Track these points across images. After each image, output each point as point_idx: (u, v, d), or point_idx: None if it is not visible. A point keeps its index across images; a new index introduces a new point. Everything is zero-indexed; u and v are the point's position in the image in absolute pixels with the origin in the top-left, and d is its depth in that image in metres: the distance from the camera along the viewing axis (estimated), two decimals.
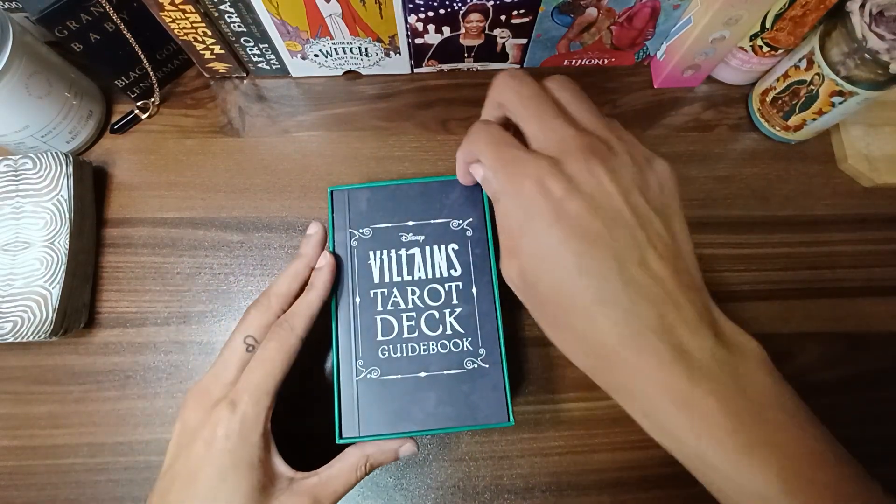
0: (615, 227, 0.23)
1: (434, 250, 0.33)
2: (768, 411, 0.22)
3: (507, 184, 0.25)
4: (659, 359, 0.22)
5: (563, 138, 0.25)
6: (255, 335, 0.30)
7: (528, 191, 0.24)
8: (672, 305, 0.23)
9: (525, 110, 0.26)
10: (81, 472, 0.36)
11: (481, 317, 0.32)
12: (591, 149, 0.24)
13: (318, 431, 0.33)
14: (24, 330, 0.35)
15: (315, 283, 0.32)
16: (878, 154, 0.42)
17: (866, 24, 0.33)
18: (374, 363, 0.31)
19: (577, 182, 0.24)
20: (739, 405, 0.22)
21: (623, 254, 0.23)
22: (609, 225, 0.23)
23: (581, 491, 0.36)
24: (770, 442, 0.21)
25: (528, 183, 0.24)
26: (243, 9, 0.36)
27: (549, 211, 0.23)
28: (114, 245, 0.40)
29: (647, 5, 0.38)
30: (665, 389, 0.22)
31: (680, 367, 0.22)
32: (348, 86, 0.45)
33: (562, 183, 0.23)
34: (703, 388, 0.22)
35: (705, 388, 0.22)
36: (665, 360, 0.22)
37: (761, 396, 0.22)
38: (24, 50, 0.35)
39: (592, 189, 0.24)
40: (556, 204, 0.23)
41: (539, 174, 0.24)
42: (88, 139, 0.42)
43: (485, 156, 0.26)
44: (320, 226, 0.34)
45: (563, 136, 0.25)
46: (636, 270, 0.23)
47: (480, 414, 0.31)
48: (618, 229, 0.23)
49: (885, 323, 0.39)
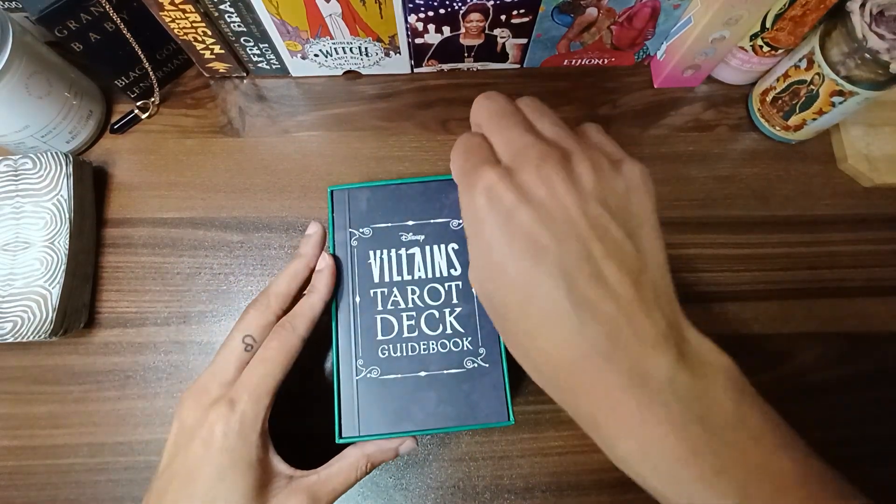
0: (566, 239, 0.21)
1: (434, 250, 0.33)
2: (730, 436, 0.20)
3: (462, 194, 0.24)
4: (607, 384, 0.21)
5: (521, 147, 0.24)
6: (253, 335, 0.30)
7: (478, 200, 0.23)
8: (627, 324, 0.21)
9: (490, 124, 0.25)
10: (81, 472, 0.36)
11: (481, 316, 0.32)
12: (547, 156, 0.23)
13: (317, 431, 0.33)
14: (24, 330, 0.35)
15: (317, 286, 0.32)
16: (878, 154, 0.42)
17: (866, 23, 0.33)
18: (374, 363, 0.32)
19: (528, 191, 0.22)
20: (696, 433, 0.20)
21: (573, 268, 0.21)
22: (559, 237, 0.21)
23: (581, 491, 0.36)
24: (728, 470, 0.20)
25: (479, 193, 0.23)
26: (243, 9, 0.36)
27: (496, 222, 0.22)
28: (114, 245, 0.40)
29: (647, 5, 0.38)
30: (614, 416, 0.21)
31: (630, 394, 0.21)
32: (348, 86, 0.45)
33: (512, 192, 0.22)
34: (655, 415, 0.20)
35: (657, 415, 0.20)
36: (613, 386, 0.21)
37: (723, 422, 0.21)
38: (24, 50, 0.35)
39: (543, 198, 0.22)
40: (504, 214, 0.22)
41: (490, 183, 0.23)
42: (88, 139, 0.42)
43: (453, 166, 0.26)
44: (319, 226, 0.34)
45: (521, 145, 0.24)
46: (587, 286, 0.21)
47: (480, 413, 0.31)
48: (569, 241, 0.21)
49: (885, 323, 0.39)
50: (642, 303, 0.21)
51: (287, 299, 0.31)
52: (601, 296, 0.21)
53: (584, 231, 0.22)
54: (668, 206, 0.41)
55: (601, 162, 0.24)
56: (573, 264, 0.21)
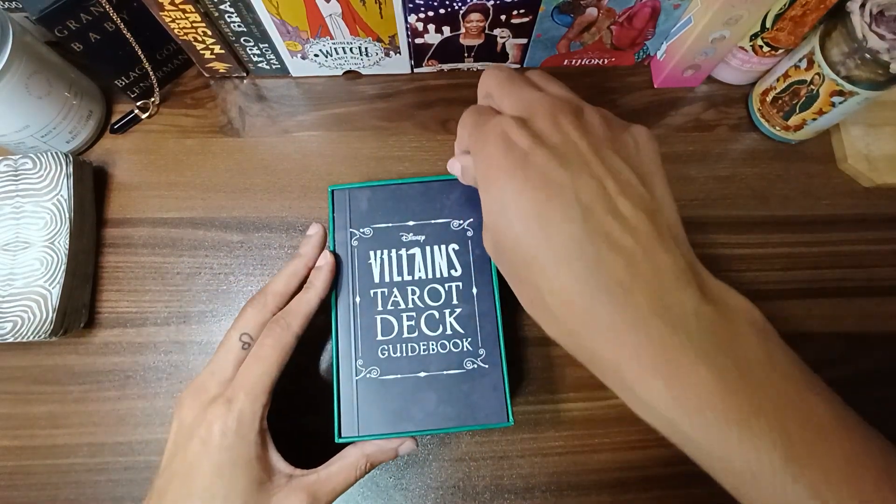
0: (581, 176, 0.22)
1: (434, 250, 0.33)
2: (760, 375, 0.19)
3: (475, 144, 0.24)
4: (630, 317, 0.20)
5: (532, 101, 0.24)
6: (251, 333, 0.30)
7: (491, 146, 0.23)
8: (646, 257, 0.21)
9: (501, 88, 0.26)
10: (81, 472, 0.36)
11: (481, 317, 0.32)
12: (560, 107, 0.24)
13: (316, 429, 0.33)
14: (24, 330, 0.35)
15: (313, 282, 0.32)
16: (878, 154, 0.42)
17: (866, 23, 0.33)
18: (374, 363, 0.32)
19: (543, 136, 0.23)
20: (727, 368, 0.19)
21: (589, 203, 0.21)
22: (574, 174, 0.22)
23: (581, 491, 0.36)
24: (765, 410, 0.19)
25: (493, 138, 0.23)
26: (243, 9, 0.36)
27: (511, 163, 0.22)
28: (114, 245, 0.40)
29: (648, 5, 0.38)
30: (639, 353, 0.20)
31: (654, 327, 0.20)
32: (348, 86, 0.45)
33: (527, 137, 0.23)
34: (683, 350, 0.19)
35: (685, 350, 0.19)
36: (637, 319, 0.20)
37: (752, 359, 0.20)
38: (24, 50, 0.35)
39: (558, 142, 0.23)
40: (519, 156, 0.22)
41: (504, 129, 0.23)
42: (88, 139, 0.42)
43: (462, 131, 0.26)
44: (320, 227, 0.34)
45: (533, 99, 0.24)
46: (604, 220, 0.21)
47: (480, 414, 0.31)
48: (583, 178, 0.22)
49: (885, 323, 0.39)
50: (660, 239, 0.21)
51: (285, 298, 0.32)
52: (618, 229, 0.21)
53: (599, 170, 0.22)
54: None
55: (610, 117, 0.25)
56: (589, 199, 0.21)
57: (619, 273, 0.20)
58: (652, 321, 0.20)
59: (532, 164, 0.22)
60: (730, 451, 0.19)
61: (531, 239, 0.22)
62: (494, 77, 0.27)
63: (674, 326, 0.20)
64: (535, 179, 0.22)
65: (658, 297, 0.20)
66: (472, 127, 0.25)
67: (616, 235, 0.21)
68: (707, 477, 0.31)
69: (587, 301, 0.21)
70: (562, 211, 0.21)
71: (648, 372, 0.20)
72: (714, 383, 0.19)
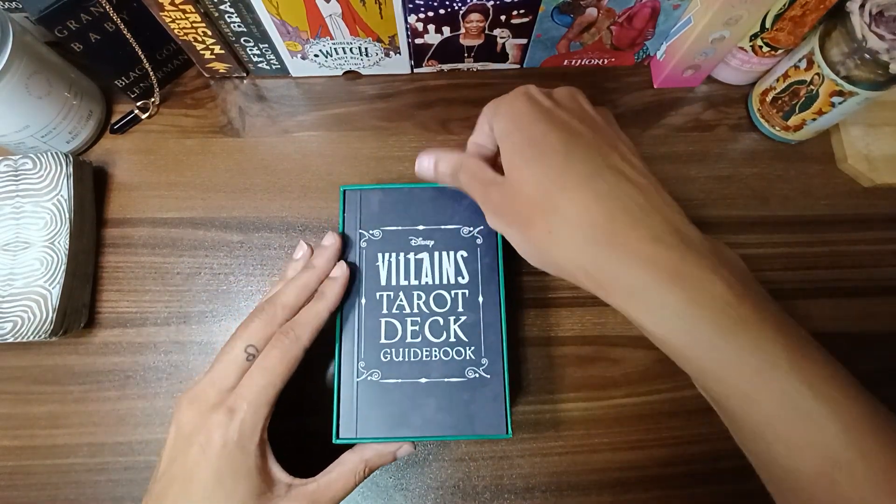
0: (598, 133, 0.26)
1: (443, 256, 0.33)
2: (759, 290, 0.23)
3: (500, 105, 0.28)
4: (648, 233, 0.23)
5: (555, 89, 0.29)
6: (257, 346, 0.29)
7: (519, 101, 0.27)
8: (657, 193, 0.25)
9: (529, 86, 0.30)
10: (81, 472, 0.36)
11: (486, 326, 0.32)
12: (578, 91, 0.29)
13: (316, 430, 0.33)
14: (24, 330, 0.35)
15: (326, 294, 0.31)
16: (878, 154, 0.42)
17: (866, 24, 0.33)
18: (376, 365, 0.31)
19: (564, 104, 0.27)
20: (732, 280, 0.23)
21: (606, 149, 0.26)
22: (593, 129, 0.26)
23: (581, 491, 0.36)
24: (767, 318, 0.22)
25: (520, 97, 0.27)
26: (243, 9, 0.36)
27: (538, 113, 0.26)
28: (114, 245, 0.40)
29: (647, 5, 0.38)
30: (656, 262, 0.23)
31: (671, 242, 0.23)
32: (348, 86, 0.45)
33: (550, 101, 0.27)
34: (698, 262, 0.23)
35: (700, 261, 0.23)
36: (654, 234, 0.23)
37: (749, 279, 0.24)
38: (25, 50, 0.35)
39: (577, 110, 0.27)
40: (544, 110, 0.27)
41: (529, 93, 0.28)
42: (88, 139, 0.42)
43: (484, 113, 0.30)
44: (337, 238, 0.33)
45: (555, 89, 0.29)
46: (619, 163, 0.25)
47: (479, 424, 0.30)
48: (600, 134, 0.26)
49: (885, 323, 0.39)
50: (665, 192, 0.26)
51: (294, 311, 0.31)
52: (632, 171, 0.25)
53: (612, 136, 0.27)
54: None
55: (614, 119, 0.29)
56: (605, 147, 0.26)
57: (638, 198, 0.24)
58: (668, 237, 0.23)
59: (556, 117, 0.26)
60: (742, 351, 0.22)
61: (556, 166, 0.25)
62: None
63: (687, 244, 0.23)
64: (560, 126, 0.26)
65: (671, 222, 0.24)
66: (496, 100, 0.29)
67: (632, 175, 0.25)
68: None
69: (610, 216, 0.24)
70: (584, 149, 0.25)
71: (668, 280, 0.23)
72: (728, 293, 0.22)
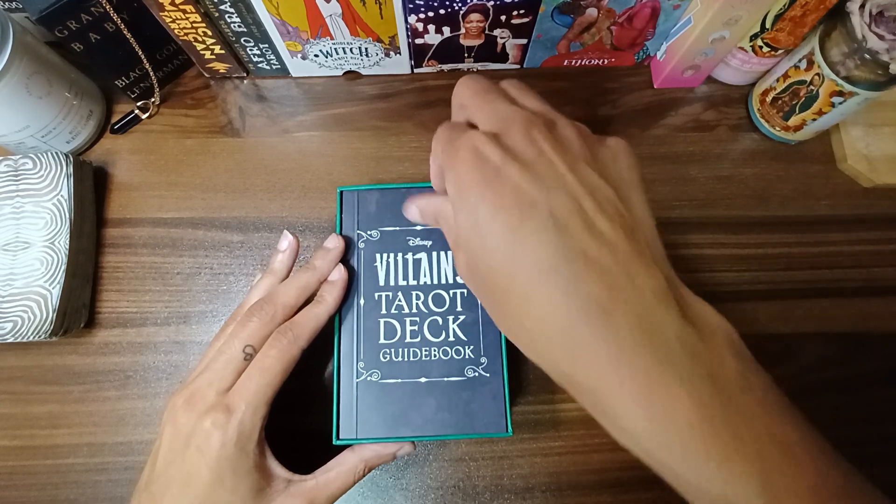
0: (555, 193, 0.21)
1: (441, 256, 0.33)
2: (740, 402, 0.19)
3: (447, 160, 0.23)
4: (609, 343, 0.19)
5: (506, 115, 0.23)
6: (254, 346, 0.29)
7: (463, 161, 0.22)
8: (626, 277, 0.20)
9: (475, 100, 0.25)
10: (81, 472, 0.36)
11: (484, 325, 0.32)
12: (533, 122, 0.23)
13: (316, 429, 0.33)
14: (24, 330, 0.35)
15: (326, 297, 0.31)
16: (878, 154, 0.42)
17: (866, 24, 0.33)
18: (376, 366, 0.31)
19: (515, 151, 0.22)
20: (707, 395, 0.19)
21: (564, 220, 0.20)
22: (548, 190, 0.21)
23: (581, 491, 0.36)
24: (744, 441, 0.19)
25: (464, 153, 0.22)
26: (243, 9, 0.36)
27: (483, 179, 0.21)
28: (114, 245, 0.40)
29: (647, 5, 0.38)
30: (621, 380, 0.19)
31: (637, 354, 0.19)
32: (348, 86, 0.45)
33: (499, 152, 0.22)
34: (665, 379, 0.19)
35: (668, 378, 0.19)
36: (616, 345, 0.19)
37: (732, 385, 0.19)
38: (25, 50, 0.35)
39: (532, 157, 0.22)
40: (491, 171, 0.21)
41: (474, 144, 0.22)
42: (88, 139, 0.42)
43: (437, 142, 0.25)
44: (340, 241, 0.33)
45: (506, 114, 0.24)
46: (581, 238, 0.20)
47: (479, 423, 0.30)
48: (558, 195, 0.21)
49: (885, 323, 0.39)
50: (640, 256, 0.21)
51: (293, 312, 0.31)
52: (596, 248, 0.20)
53: (574, 187, 0.21)
54: (668, 206, 0.41)
55: (586, 131, 0.24)
56: (564, 217, 0.20)
57: (598, 293, 0.20)
58: (634, 348, 0.19)
59: (504, 180, 0.21)
60: (708, 481, 0.19)
61: (505, 259, 0.21)
62: (469, 88, 0.26)
63: (655, 353, 0.19)
64: (508, 196, 0.21)
65: (639, 319, 0.19)
66: (445, 143, 0.24)
67: (594, 254, 0.20)
68: None
69: (565, 323, 0.20)
70: (535, 229, 0.20)
71: (628, 398, 0.19)
72: (695, 413, 0.19)
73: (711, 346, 0.20)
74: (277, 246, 0.34)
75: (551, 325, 0.20)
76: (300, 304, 0.31)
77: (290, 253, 0.33)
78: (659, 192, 0.42)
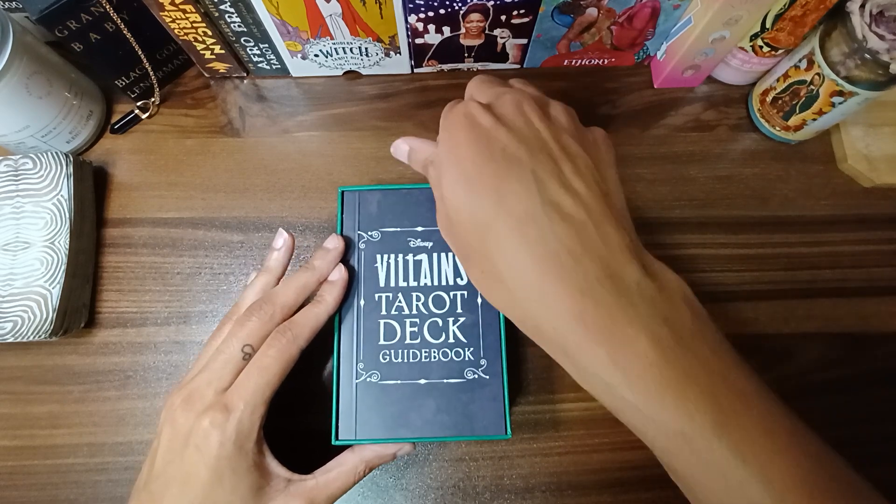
0: (538, 154, 0.24)
1: (441, 258, 0.33)
2: (693, 346, 0.21)
3: (442, 125, 0.26)
4: (578, 283, 0.21)
5: (501, 92, 0.26)
6: (253, 345, 0.29)
7: (457, 124, 0.25)
8: (596, 229, 0.22)
9: (480, 87, 0.28)
10: (81, 472, 0.36)
11: (484, 327, 0.32)
12: (526, 98, 0.26)
13: (315, 429, 0.33)
14: (24, 330, 0.35)
15: (325, 297, 0.31)
16: (878, 154, 0.42)
17: (866, 24, 0.33)
18: (375, 367, 0.31)
19: (505, 119, 0.25)
20: (665, 338, 0.21)
21: (544, 177, 0.23)
22: (532, 151, 0.24)
23: (581, 491, 0.36)
24: (697, 379, 0.20)
25: (458, 118, 0.25)
26: (243, 9, 0.36)
27: (474, 139, 0.24)
28: (114, 245, 0.40)
29: (648, 5, 0.38)
30: (584, 319, 0.21)
31: (600, 294, 0.21)
32: (348, 86, 0.45)
33: (490, 118, 0.25)
34: (626, 318, 0.21)
35: (629, 318, 0.21)
36: (584, 285, 0.21)
37: (686, 331, 0.21)
38: (25, 50, 0.35)
39: (520, 125, 0.24)
40: (481, 133, 0.24)
41: (469, 110, 0.25)
42: (88, 139, 0.42)
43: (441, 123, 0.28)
44: (341, 241, 0.33)
45: (501, 91, 0.26)
46: (557, 193, 0.23)
47: (478, 425, 0.30)
48: (541, 155, 0.24)
49: (885, 323, 0.39)
50: (610, 216, 0.23)
51: (293, 311, 0.31)
52: (571, 203, 0.23)
53: (556, 152, 0.24)
54: (668, 206, 0.41)
55: (573, 113, 0.27)
56: (544, 174, 0.23)
57: (570, 242, 0.22)
58: (598, 288, 0.21)
59: (493, 140, 0.24)
60: (665, 414, 0.20)
61: (487, 208, 0.23)
62: (477, 79, 0.29)
63: (618, 294, 0.21)
64: (496, 154, 0.23)
65: (605, 265, 0.22)
66: (444, 112, 0.27)
67: (568, 208, 0.22)
68: None
69: (537, 267, 0.22)
70: (518, 183, 0.23)
71: (592, 338, 0.21)
72: (653, 352, 0.21)
73: (667, 296, 0.22)
74: (272, 244, 0.34)
75: (524, 269, 0.22)
76: (299, 304, 0.31)
77: (286, 250, 0.33)
78: (659, 192, 0.42)
